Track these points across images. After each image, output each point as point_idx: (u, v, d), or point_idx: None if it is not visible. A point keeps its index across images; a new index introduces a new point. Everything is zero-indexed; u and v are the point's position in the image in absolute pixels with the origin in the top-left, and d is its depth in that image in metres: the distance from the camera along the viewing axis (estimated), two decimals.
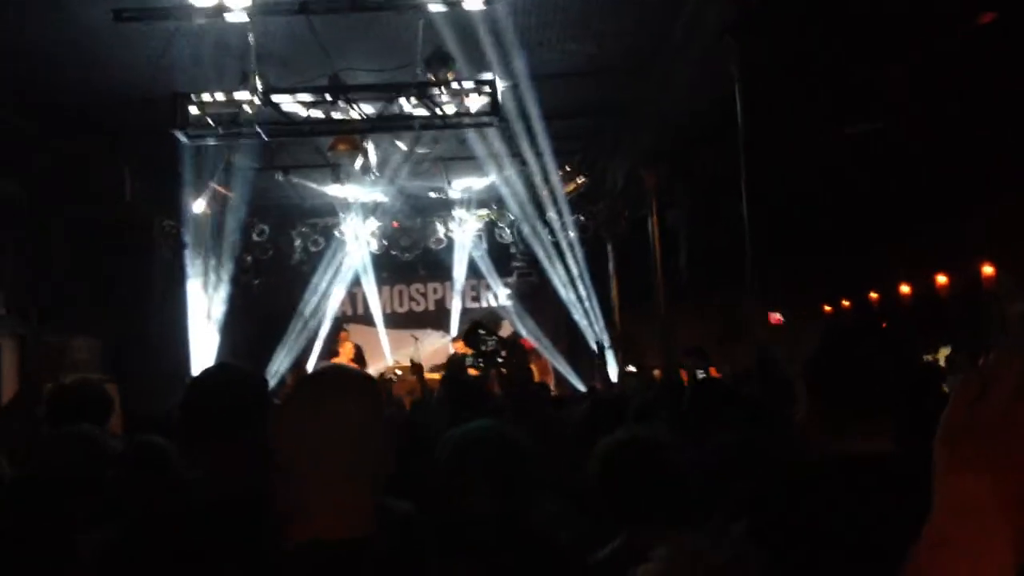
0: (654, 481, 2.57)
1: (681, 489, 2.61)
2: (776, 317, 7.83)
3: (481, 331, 3.15)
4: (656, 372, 13.03)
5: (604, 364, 13.62)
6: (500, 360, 2.89)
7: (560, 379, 14.33)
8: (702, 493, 2.66)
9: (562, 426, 3.13)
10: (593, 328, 13.96)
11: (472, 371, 3.97)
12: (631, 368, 10.84)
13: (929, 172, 11.30)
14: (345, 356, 13.92)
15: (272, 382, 13.80)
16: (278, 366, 14.32)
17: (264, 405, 2.24)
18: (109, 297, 11.81)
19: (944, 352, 9.99)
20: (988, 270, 12.62)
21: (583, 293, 13.98)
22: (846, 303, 17.50)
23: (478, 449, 2.18)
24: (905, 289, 15.73)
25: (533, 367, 12.30)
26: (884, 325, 15.93)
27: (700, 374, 7.96)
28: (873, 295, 16.69)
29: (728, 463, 2.62)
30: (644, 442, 2.68)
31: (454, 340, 12.73)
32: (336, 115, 9.07)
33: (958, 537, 0.77)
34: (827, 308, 17.65)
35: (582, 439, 2.98)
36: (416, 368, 7.27)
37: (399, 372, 13.23)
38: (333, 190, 13.36)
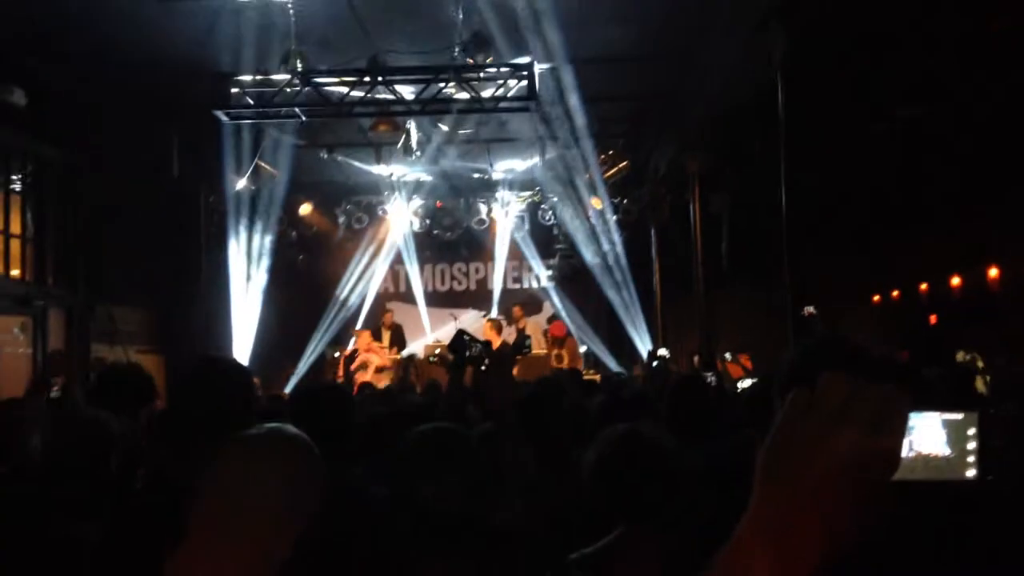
0: (648, 479, 2.57)
1: (674, 488, 2.60)
2: (809, 310, 7.72)
3: (466, 337, 3.16)
4: (695, 358, 12.97)
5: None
6: (483, 368, 2.90)
7: (597, 362, 14.32)
8: (695, 495, 2.66)
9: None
10: (631, 312, 13.90)
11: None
12: (662, 351, 10.67)
13: (981, 158, 10.98)
14: (387, 336, 14.10)
15: (312, 357, 14.02)
16: (319, 341, 14.50)
17: (250, 400, 2.27)
18: (156, 270, 12.09)
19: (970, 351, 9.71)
20: None
21: (622, 277, 13.91)
22: (896, 294, 17.15)
23: (431, 447, 2.19)
24: (956, 281, 15.36)
25: (563, 352, 12.33)
26: (934, 319, 15.62)
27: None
28: (923, 286, 16.32)
29: (716, 468, 2.61)
30: (642, 439, 2.67)
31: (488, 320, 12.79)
32: (376, 96, 9.13)
33: (752, 553, 0.77)
34: (876, 298, 17.34)
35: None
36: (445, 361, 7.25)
37: (438, 352, 13.30)
38: (377, 169, 13.45)
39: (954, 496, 1.03)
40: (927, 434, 1.01)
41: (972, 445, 1.02)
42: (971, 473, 1.00)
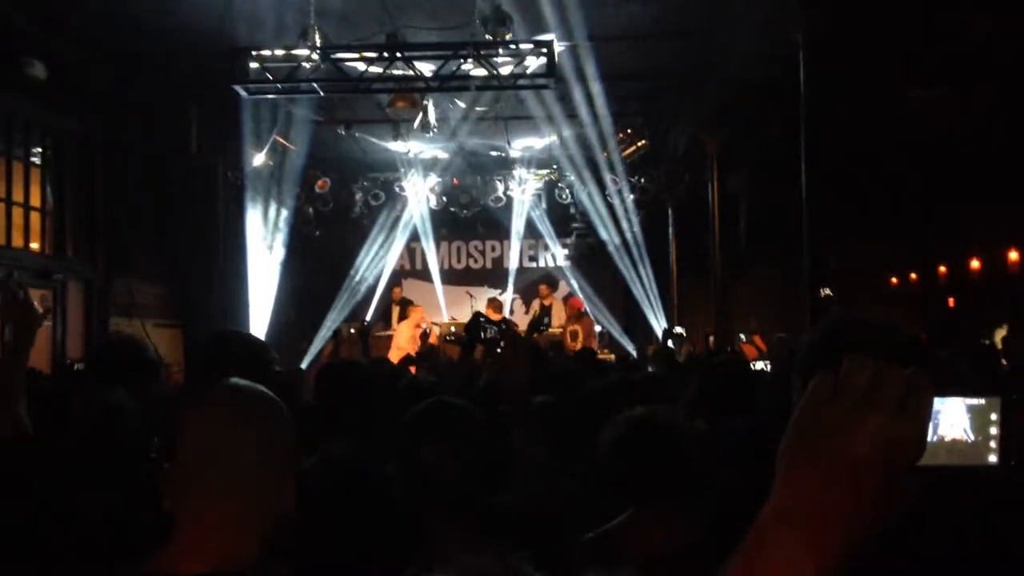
0: (661, 462, 2.57)
1: (688, 472, 2.61)
2: (825, 291, 7.68)
3: (482, 319, 3.14)
4: (711, 338, 12.94)
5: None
6: (498, 351, 2.88)
7: (612, 341, 14.32)
8: (710, 477, 2.67)
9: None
10: (647, 292, 13.88)
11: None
12: (678, 329, 10.60)
13: (1001, 139, 10.86)
14: (395, 311, 14.16)
15: (327, 333, 14.07)
16: (335, 317, 14.55)
17: (267, 373, 2.29)
18: (174, 244, 12.14)
19: (1000, 333, 9.61)
20: None
21: (638, 256, 13.88)
22: (914, 276, 17.04)
23: (431, 419, 2.18)
24: (975, 264, 15.24)
25: (578, 328, 12.34)
26: (952, 302, 15.52)
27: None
28: (941, 269, 16.20)
29: (735, 450, 2.61)
30: (656, 423, 2.67)
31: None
32: (394, 72, 9.11)
33: (781, 541, 0.77)
34: (894, 280, 17.25)
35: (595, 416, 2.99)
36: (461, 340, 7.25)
37: (454, 330, 13.32)
38: (394, 145, 13.44)
39: (976, 482, 1.03)
40: (951, 419, 1.01)
41: (994, 431, 1.01)
42: (993, 459, 1.00)
